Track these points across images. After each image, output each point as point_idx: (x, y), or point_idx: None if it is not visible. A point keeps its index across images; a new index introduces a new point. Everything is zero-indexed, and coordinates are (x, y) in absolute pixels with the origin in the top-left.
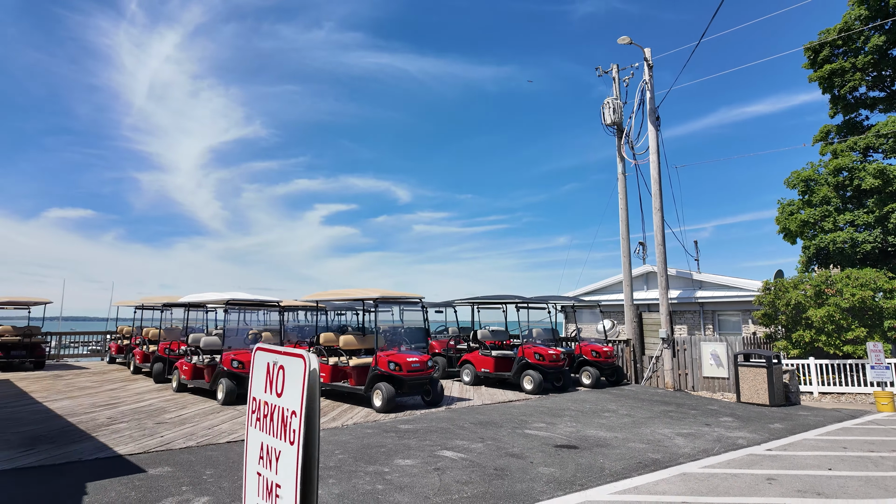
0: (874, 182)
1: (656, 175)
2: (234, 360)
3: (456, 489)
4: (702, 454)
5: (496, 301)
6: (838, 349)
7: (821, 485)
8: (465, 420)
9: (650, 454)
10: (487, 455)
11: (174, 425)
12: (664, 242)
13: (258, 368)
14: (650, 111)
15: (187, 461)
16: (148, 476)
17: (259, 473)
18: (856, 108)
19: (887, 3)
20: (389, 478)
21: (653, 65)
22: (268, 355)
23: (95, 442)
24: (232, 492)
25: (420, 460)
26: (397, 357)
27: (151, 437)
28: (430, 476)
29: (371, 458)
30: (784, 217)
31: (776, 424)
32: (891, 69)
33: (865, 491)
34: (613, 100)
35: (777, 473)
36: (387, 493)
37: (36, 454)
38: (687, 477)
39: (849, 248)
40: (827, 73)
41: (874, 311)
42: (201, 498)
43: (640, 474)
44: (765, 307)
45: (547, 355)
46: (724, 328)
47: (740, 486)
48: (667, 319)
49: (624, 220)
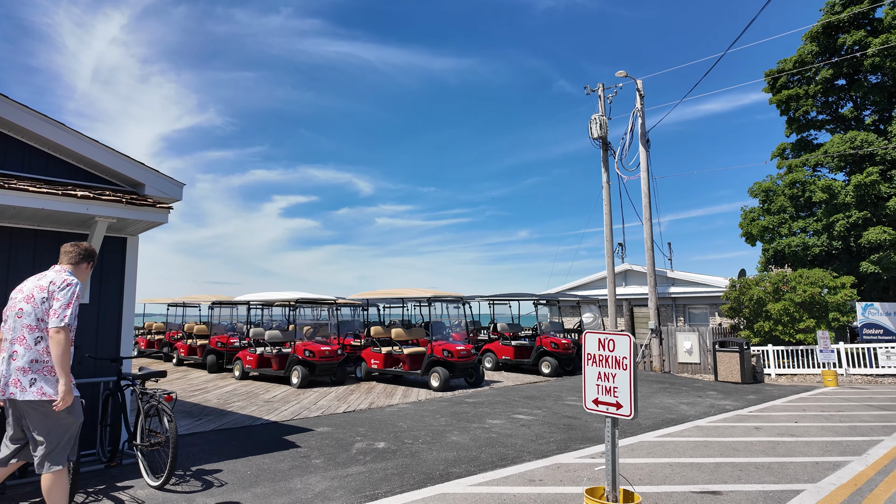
0: (822, 195)
1: (646, 189)
2: (306, 349)
3: (546, 435)
4: (703, 415)
5: (511, 297)
6: (792, 337)
7: (791, 430)
8: (513, 395)
9: (667, 415)
10: (550, 417)
11: (282, 403)
12: (653, 248)
13: (591, 340)
14: (641, 135)
15: (337, 423)
16: (320, 432)
17: (598, 385)
18: (807, 129)
19: (834, 41)
20: (494, 430)
21: (644, 94)
22: (598, 335)
23: (239, 415)
24: (391, 439)
25: (505, 420)
26: (449, 346)
27: (278, 412)
28: (521, 428)
29: (468, 419)
30: (747, 223)
31: (750, 396)
32: (836, 96)
33: (821, 433)
34: (599, 116)
35: (761, 425)
36: (501, 438)
37: (211, 422)
38: (700, 428)
39: (801, 251)
40: (784, 98)
41: (821, 305)
42: (379, 442)
43: (667, 427)
44: (731, 301)
45: (561, 344)
46: (694, 320)
47: (738, 431)
48: (655, 313)
49: (608, 225)
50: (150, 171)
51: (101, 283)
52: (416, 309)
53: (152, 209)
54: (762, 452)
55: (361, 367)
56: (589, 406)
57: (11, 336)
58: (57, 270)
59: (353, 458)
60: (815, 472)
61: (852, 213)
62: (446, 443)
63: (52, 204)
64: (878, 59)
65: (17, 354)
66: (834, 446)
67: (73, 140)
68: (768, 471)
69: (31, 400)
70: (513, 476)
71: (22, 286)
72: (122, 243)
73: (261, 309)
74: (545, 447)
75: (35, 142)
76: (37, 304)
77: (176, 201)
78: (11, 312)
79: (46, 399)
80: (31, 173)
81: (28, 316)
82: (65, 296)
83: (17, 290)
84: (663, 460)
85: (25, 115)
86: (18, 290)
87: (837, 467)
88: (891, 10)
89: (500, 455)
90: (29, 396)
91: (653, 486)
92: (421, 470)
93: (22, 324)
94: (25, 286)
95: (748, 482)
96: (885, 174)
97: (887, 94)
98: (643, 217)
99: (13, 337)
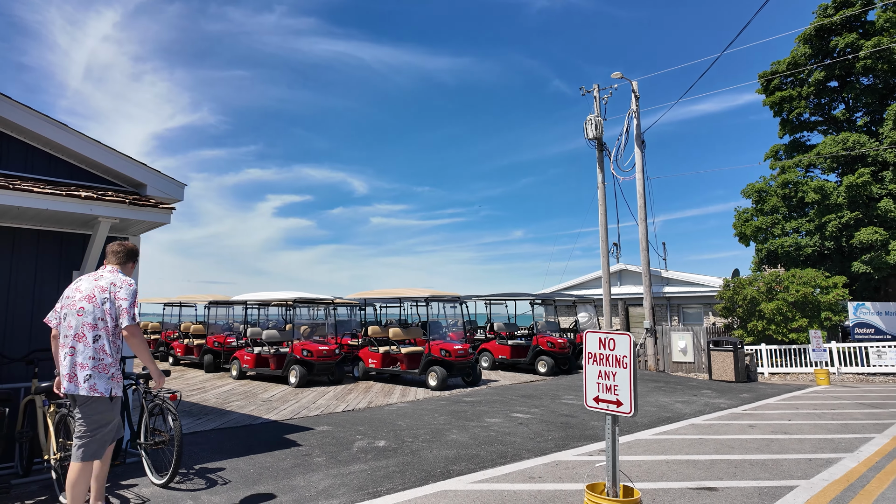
0: (815, 196)
1: (641, 190)
2: (304, 349)
3: (545, 433)
4: (699, 413)
5: (507, 297)
6: (785, 336)
7: (785, 427)
8: (510, 395)
9: (663, 414)
10: (548, 415)
11: (281, 402)
12: (648, 248)
13: (591, 339)
14: (636, 136)
15: (336, 422)
16: (321, 431)
17: (598, 383)
18: (800, 130)
19: (827, 44)
20: (492, 429)
21: (639, 96)
22: (599, 334)
23: (238, 414)
24: (391, 437)
25: (503, 418)
26: (446, 345)
27: (278, 411)
28: (520, 427)
29: (467, 418)
30: (740, 223)
31: (744, 394)
32: (828, 98)
33: (814, 431)
34: (595, 117)
35: (755, 422)
36: (500, 436)
37: (211, 421)
38: (695, 426)
39: (794, 251)
40: (778, 100)
41: (814, 304)
42: (380, 441)
43: (663, 425)
44: (725, 301)
45: (557, 343)
46: (688, 319)
47: (733, 429)
48: (650, 312)
49: (603, 225)
50: (152, 172)
51: None
52: (413, 308)
53: (155, 210)
54: (756, 450)
55: (359, 367)
56: (590, 404)
57: (73, 333)
58: (111, 271)
59: (355, 456)
60: (808, 469)
61: (844, 214)
62: (446, 441)
63: (55, 204)
64: (870, 61)
65: (76, 351)
66: (826, 444)
67: (75, 140)
68: (763, 467)
69: (82, 395)
70: (513, 473)
71: (78, 286)
72: None
73: (257, 308)
74: (544, 445)
75: (37, 142)
76: (98, 304)
77: (177, 201)
78: (71, 311)
79: (97, 395)
80: (33, 174)
81: (89, 315)
82: (129, 295)
83: (75, 290)
84: (660, 457)
85: (28, 116)
86: (76, 290)
87: (830, 464)
88: (883, 13)
89: (499, 453)
90: (81, 392)
91: (650, 482)
92: (422, 468)
93: (83, 322)
94: (83, 286)
95: (743, 478)
96: (877, 175)
97: (879, 96)
98: (638, 217)
99: (74, 334)
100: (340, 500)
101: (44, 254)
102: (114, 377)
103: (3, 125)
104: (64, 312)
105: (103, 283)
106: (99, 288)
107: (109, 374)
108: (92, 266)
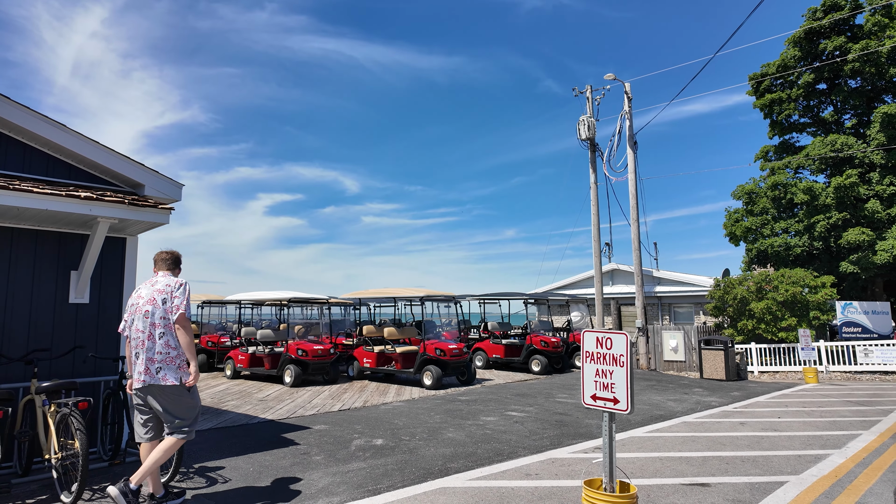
0: (804, 197)
1: (633, 191)
2: (298, 348)
3: (540, 431)
4: (690, 411)
5: (501, 297)
6: (774, 335)
7: (774, 425)
8: (504, 393)
9: (655, 412)
10: (542, 414)
11: (276, 401)
12: (640, 248)
13: (589, 338)
14: (629, 137)
15: (333, 421)
16: (318, 430)
17: (596, 381)
18: (790, 131)
19: (816, 46)
20: (488, 427)
21: (632, 97)
22: (596, 333)
23: (235, 413)
24: (388, 436)
25: (499, 417)
26: (441, 344)
27: (274, 410)
28: (515, 425)
29: (463, 417)
30: (731, 224)
31: (735, 392)
32: (817, 100)
33: (803, 428)
34: (587, 118)
35: (745, 420)
36: (496, 434)
37: (208, 421)
38: (687, 423)
39: (783, 251)
40: (768, 102)
41: (802, 304)
42: (377, 439)
43: (656, 423)
44: (715, 300)
45: (550, 343)
46: (679, 319)
47: (724, 427)
48: (642, 312)
49: (595, 225)
50: (150, 172)
51: (102, 283)
52: (408, 308)
53: (154, 210)
54: (747, 447)
55: (354, 366)
56: (587, 401)
57: (142, 335)
58: (163, 275)
59: (353, 454)
60: (797, 465)
61: (832, 215)
62: (443, 439)
63: (55, 205)
64: (858, 64)
65: (147, 348)
66: (815, 440)
67: (74, 141)
68: (753, 464)
69: (157, 385)
70: (510, 471)
71: (140, 293)
72: (122, 243)
73: (250, 308)
74: (539, 443)
75: (35, 142)
76: (158, 305)
77: (175, 202)
78: (138, 315)
79: (168, 384)
80: (31, 174)
81: (153, 315)
82: (182, 293)
83: (137, 297)
84: (653, 454)
85: (26, 116)
86: (138, 297)
87: (819, 460)
88: (871, 16)
89: (495, 451)
90: (156, 382)
91: (645, 478)
92: (420, 465)
93: (149, 322)
94: (143, 292)
95: (735, 475)
96: (864, 177)
97: (866, 98)
98: (630, 217)
99: (144, 334)
100: (341, 498)
101: (42, 254)
102: (180, 367)
103: (2, 125)
104: (132, 318)
105: (160, 286)
106: (157, 290)
107: (177, 365)
108: (90, 266)
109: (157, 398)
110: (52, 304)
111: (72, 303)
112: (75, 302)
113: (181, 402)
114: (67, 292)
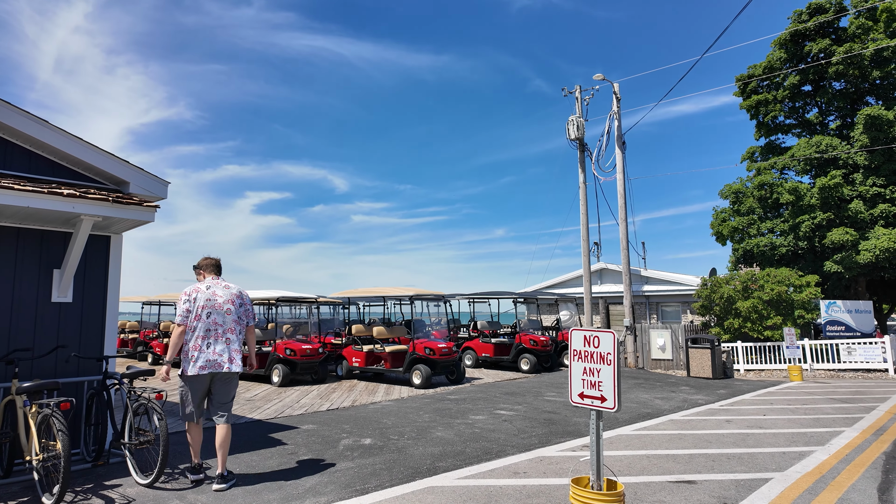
0: (789, 197)
1: (622, 190)
2: (286, 348)
3: (528, 429)
4: (677, 409)
5: (490, 296)
6: (760, 334)
7: (760, 422)
8: (494, 392)
9: (643, 410)
10: (531, 412)
11: (264, 401)
12: (628, 248)
13: (577, 337)
14: (618, 137)
15: (321, 421)
16: (306, 429)
17: (583, 379)
18: (775, 132)
19: (801, 49)
20: (477, 426)
21: (620, 97)
22: (584, 332)
23: None
24: (377, 435)
25: (488, 415)
26: (430, 343)
27: (261, 410)
28: (504, 424)
29: (452, 415)
30: (718, 223)
31: (721, 390)
32: (802, 102)
33: (787, 425)
34: (576, 118)
35: (731, 417)
36: (485, 433)
37: None
38: (674, 421)
39: (769, 250)
40: (754, 103)
41: (787, 303)
42: (365, 439)
43: (643, 421)
44: (702, 300)
45: (539, 341)
46: (667, 317)
47: (710, 424)
48: (630, 310)
49: (584, 225)
50: (135, 169)
51: (85, 282)
52: (397, 307)
53: (139, 208)
54: (733, 444)
55: (342, 366)
56: (575, 400)
57: (222, 328)
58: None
59: (341, 454)
60: (782, 462)
61: (817, 215)
62: (431, 438)
63: (37, 202)
64: (842, 66)
65: (232, 340)
66: (799, 437)
67: (56, 137)
68: (739, 461)
69: (235, 371)
70: (498, 469)
71: (214, 291)
72: (105, 242)
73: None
74: (528, 441)
75: (17, 139)
76: (237, 306)
77: (161, 199)
78: (218, 311)
79: (239, 371)
80: (12, 170)
81: (234, 314)
82: (250, 302)
83: (213, 294)
84: (641, 452)
85: (8, 112)
86: (214, 295)
87: (803, 457)
88: (855, 19)
89: (484, 449)
90: (235, 368)
91: (632, 476)
92: (408, 464)
93: (231, 319)
94: (218, 292)
95: (720, 472)
96: (848, 177)
97: (850, 100)
98: (619, 217)
99: (224, 327)
100: (329, 498)
101: (24, 252)
102: None
103: None
104: (207, 311)
105: (235, 291)
106: (235, 294)
107: (241, 357)
108: (73, 265)
109: (227, 385)
110: (35, 302)
111: (54, 302)
112: (58, 301)
113: (235, 390)
114: (50, 291)
